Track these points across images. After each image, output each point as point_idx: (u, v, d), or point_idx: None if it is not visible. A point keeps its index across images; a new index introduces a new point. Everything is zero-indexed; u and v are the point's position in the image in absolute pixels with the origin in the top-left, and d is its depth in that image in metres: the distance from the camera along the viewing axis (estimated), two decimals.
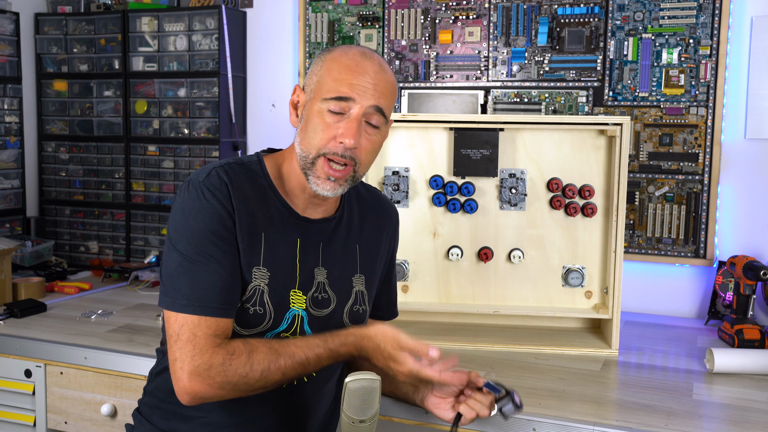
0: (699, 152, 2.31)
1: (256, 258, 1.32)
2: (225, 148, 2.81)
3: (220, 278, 1.27)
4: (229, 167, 1.34)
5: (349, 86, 1.28)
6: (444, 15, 2.55)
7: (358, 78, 1.29)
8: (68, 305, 2.33)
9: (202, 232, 1.27)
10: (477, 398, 1.35)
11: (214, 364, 1.22)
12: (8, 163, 2.88)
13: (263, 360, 1.25)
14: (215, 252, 1.27)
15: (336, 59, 1.32)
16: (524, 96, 2.48)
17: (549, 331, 2.09)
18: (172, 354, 1.25)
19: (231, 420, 1.37)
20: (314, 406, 1.44)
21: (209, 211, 1.28)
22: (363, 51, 1.33)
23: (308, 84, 1.35)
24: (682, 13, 2.29)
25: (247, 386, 1.25)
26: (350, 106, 1.29)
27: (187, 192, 1.30)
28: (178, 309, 1.26)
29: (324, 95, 1.29)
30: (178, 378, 1.24)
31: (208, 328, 1.25)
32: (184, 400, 1.25)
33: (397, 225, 1.58)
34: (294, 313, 1.36)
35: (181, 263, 1.27)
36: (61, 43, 3.00)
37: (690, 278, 2.38)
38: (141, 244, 2.94)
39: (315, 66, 1.35)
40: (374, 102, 1.30)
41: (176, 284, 1.26)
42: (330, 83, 1.29)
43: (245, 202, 1.32)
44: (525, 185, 2.00)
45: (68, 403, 1.97)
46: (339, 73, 1.29)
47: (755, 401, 1.60)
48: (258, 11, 2.87)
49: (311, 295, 1.38)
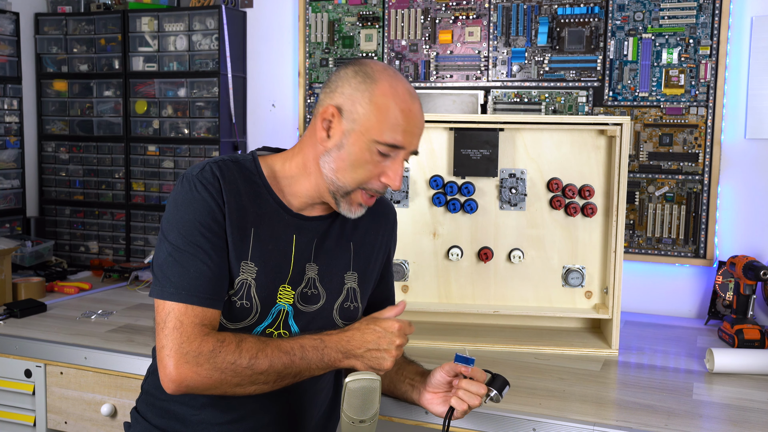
0: (699, 152, 2.31)
1: (245, 252, 1.33)
2: (225, 148, 2.81)
3: (209, 268, 1.28)
4: (223, 163, 1.36)
5: (404, 134, 1.31)
6: (444, 15, 2.55)
7: (410, 125, 1.32)
8: (68, 305, 2.33)
9: (191, 223, 1.29)
10: (465, 388, 1.34)
11: (203, 351, 1.23)
12: (8, 163, 2.88)
13: (251, 348, 1.26)
14: (204, 243, 1.29)
15: (387, 95, 1.30)
16: (524, 96, 2.48)
17: (549, 331, 2.09)
18: (159, 342, 1.26)
19: (225, 417, 1.37)
20: (309, 405, 1.44)
21: (200, 203, 1.30)
22: (410, 90, 1.34)
23: (350, 111, 1.31)
24: (682, 13, 2.29)
25: (234, 374, 1.24)
26: (399, 151, 1.32)
27: (180, 185, 1.33)
28: (166, 297, 1.27)
29: (375, 137, 1.30)
30: (164, 365, 1.24)
31: (195, 317, 1.26)
32: (169, 388, 1.25)
33: (394, 224, 1.59)
34: (279, 308, 1.37)
35: (171, 253, 1.29)
36: (61, 43, 3.00)
37: (690, 278, 2.38)
38: (141, 244, 2.94)
39: (358, 93, 1.31)
40: (417, 147, 1.36)
41: (165, 273, 1.28)
42: (386, 127, 1.29)
43: (237, 197, 1.33)
44: (525, 185, 2.00)
45: (68, 403, 1.97)
46: (395, 118, 1.30)
47: (755, 401, 1.60)
48: (258, 11, 2.87)
49: (300, 291, 1.39)
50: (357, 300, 1.47)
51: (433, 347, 1.95)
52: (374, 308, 1.58)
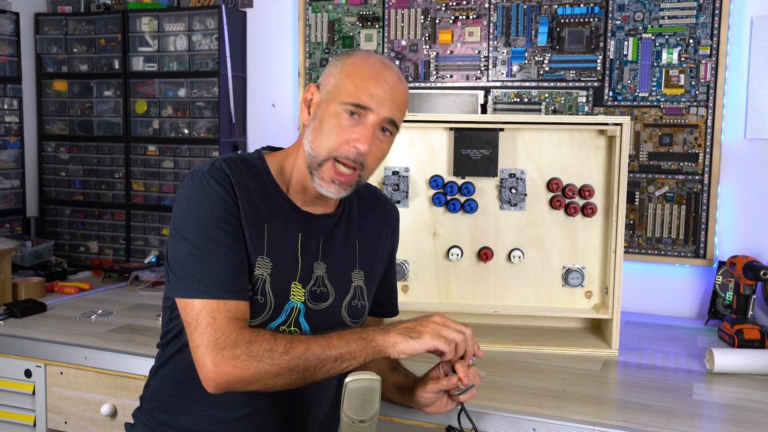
0: (699, 152, 2.31)
1: (260, 247, 1.33)
2: (225, 148, 2.81)
3: (233, 261, 1.28)
4: (231, 161, 1.36)
5: (369, 95, 1.30)
6: (444, 15, 2.55)
7: (377, 87, 1.31)
8: (68, 305, 2.33)
9: (209, 219, 1.28)
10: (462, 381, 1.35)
11: (240, 343, 1.22)
12: (8, 163, 2.88)
13: (285, 335, 1.27)
14: (224, 237, 1.29)
15: (357, 64, 1.33)
16: (524, 96, 2.48)
17: (549, 331, 2.09)
18: (194, 341, 1.25)
19: (231, 415, 1.37)
20: (314, 404, 1.45)
21: (215, 198, 1.30)
22: (383, 60, 1.35)
23: (325, 84, 1.35)
24: (682, 13, 2.29)
25: (272, 362, 1.22)
26: (367, 114, 1.31)
27: (191, 182, 1.32)
28: (194, 295, 1.26)
29: (343, 99, 1.31)
30: (202, 363, 1.23)
31: (227, 311, 1.25)
32: (209, 386, 1.24)
33: (397, 223, 1.60)
34: (292, 305, 1.37)
35: (192, 251, 1.28)
36: (61, 43, 3.00)
37: (690, 278, 2.38)
38: (141, 244, 2.94)
39: (333, 68, 1.35)
40: (389, 114, 1.33)
41: (189, 271, 1.27)
42: (350, 88, 1.31)
43: (248, 194, 1.34)
44: (525, 185, 2.00)
45: (68, 403, 1.97)
46: (360, 80, 1.31)
47: (755, 401, 1.60)
48: (258, 11, 2.87)
49: (309, 289, 1.39)
50: (364, 298, 1.48)
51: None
52: (377, 307, 1.59)
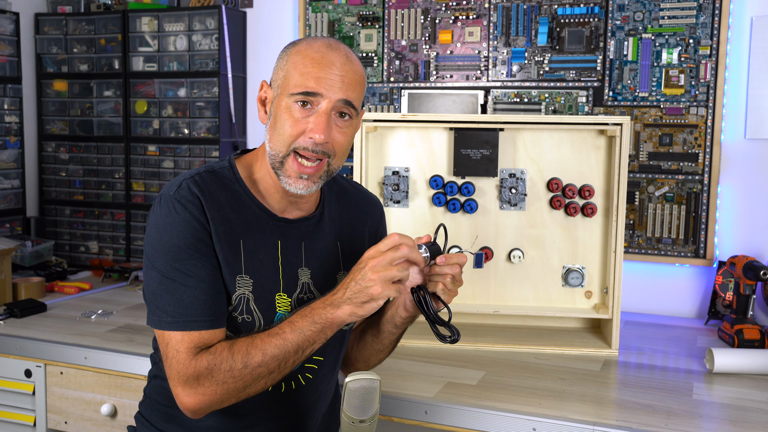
0: (699, 152, 2.31)
1: (238, 266, 1.30)
2: (225, 148, 2.81)
3: (202, 291, 1.25)
4: (199, 177, 1.31)
5: (316, 80, 1.25)
6: (444, 15, 2.55)
7: (324, 71, 1.26)
8: (68, 305, 2.33)
9: (177, 248, 1.24)
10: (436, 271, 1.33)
11: (200, 370, 1.22)
12: (8, 163, 2.88)
13: (241, 347, 1.24)
14: (193, 267, 1.25)
15: (301, 52, 1.28)
16: (524, 96, 2.48)
17: (549, 331, 2.09)
18: (167, 373, 1.26)
19: (230, 425, 1.36)
20: (312, 410, 1.43)
21: (182, 225, 1.25)
22: (329, 42, 1.30)
23: (275, 79, 1.31)
24: (682, 13, 2.29)
25: (235, 380, 1.22)
26: (318, 100, 1.26)
27: (159, 207, 1.28)
28: (164, 327, 1.25)
29: (291, 90, 1.26)
30: (175, 395, 1.25)
31: (190, 342, 1.24)
32: (188, 414, 1.26)
33: (381, 218, 1.55)
34: (281, 317, 1.34)
35: (162, 281, 1.25)
36: (61, 43, 3.00)
37: (690, 278, 2.38)
38: (141, 244, 2.94)
39: (280, 60, 1.31)
40: (342, 95, 1.27)
41: (159, 302, 1.25)
42: (296, 77, 1.26)
43: (220, 211, 1.29)
44: (525, 185, 2.00)
45: (68, 403, 1.97)
46: (305, 67, 1.26)
47: (755, 401, 1.61)
48: (258, 11, 2.87)
49: (296, 297, 1.36)
50: None
51: (432, 347, 1.95)
52: None
